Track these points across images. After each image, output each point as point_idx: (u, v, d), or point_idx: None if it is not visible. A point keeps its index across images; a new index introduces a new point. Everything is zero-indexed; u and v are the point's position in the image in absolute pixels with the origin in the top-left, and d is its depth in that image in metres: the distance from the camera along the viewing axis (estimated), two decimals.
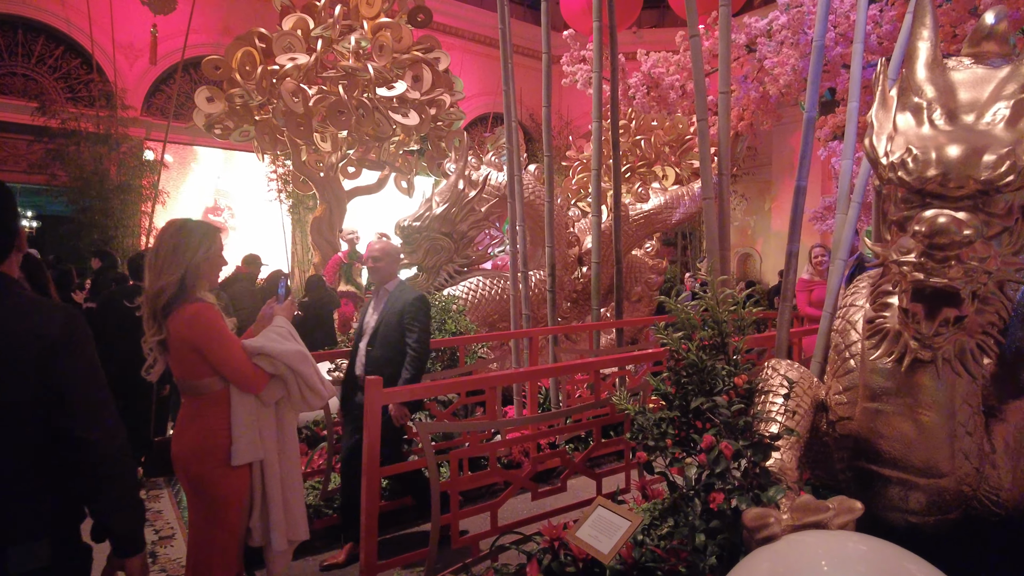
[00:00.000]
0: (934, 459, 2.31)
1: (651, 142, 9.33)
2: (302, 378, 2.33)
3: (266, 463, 2.33)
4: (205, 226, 2.33)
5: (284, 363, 2.29)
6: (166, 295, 2.19)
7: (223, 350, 2.20)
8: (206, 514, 2.28)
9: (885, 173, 2.17)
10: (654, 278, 6.80)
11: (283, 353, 2.29)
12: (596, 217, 5.00)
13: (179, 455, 2.27)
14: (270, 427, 2.35)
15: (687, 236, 18.74)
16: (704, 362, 2.51)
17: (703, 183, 3.18)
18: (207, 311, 2.21)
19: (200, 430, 2.24)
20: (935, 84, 2.27)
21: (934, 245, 1.96)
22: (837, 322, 2.70)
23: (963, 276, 1.95)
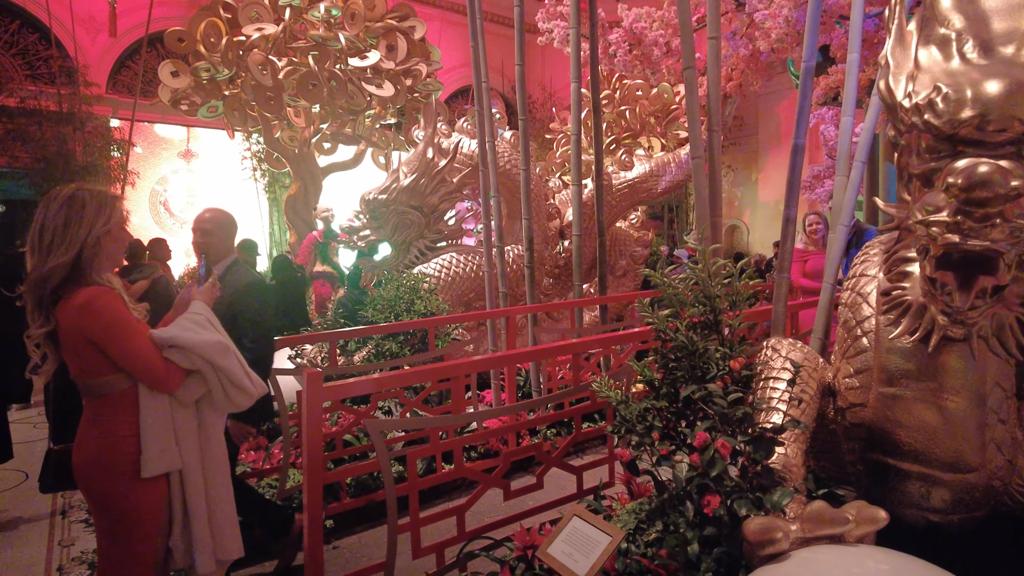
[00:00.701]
0: (962, 451, 2.00)
1: (636, 112, 8.95)
2: (224, 373, 2.02)
3: (186, 473, 2.03)
4: (103, 194, 1.99)
5: (201, 356, 1.97)
6: (55, 279, 1.85)
7: (125, 341, 1.87)
8: (114, 534, 1.96)
9: (908, 118, 1.82)
10: (639, 251, 6.46)
11: (199, 344, 1.97)
12: (577, 187, 4.63)
13: (80, 466, 1.94)
14: (190, 431, 2.04)
15: (673, 208, 18.47)
16: (695, 344, 2.17)
17: (691, 140, 2.84)
18: (103, 295, 1.89)
19: (102, 437, 1.92)
20: (964, 13, 1.91)
21: (972, 200, 1.63)
22: (846, 295, 2.37)
23: (1007, 237, 1.62)
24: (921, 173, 1.84)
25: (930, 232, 1.70)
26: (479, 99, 4.39)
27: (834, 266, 3.30)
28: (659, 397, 2.22)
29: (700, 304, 2.35)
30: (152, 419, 1.94)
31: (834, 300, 3.46)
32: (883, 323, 2.12)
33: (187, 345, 1.95)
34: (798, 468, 2.07)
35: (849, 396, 2.21)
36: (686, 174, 6.33)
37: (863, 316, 2.20)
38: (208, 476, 2.06)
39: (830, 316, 3.50)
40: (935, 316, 1.81)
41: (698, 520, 1.98)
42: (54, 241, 1.86)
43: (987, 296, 1.75)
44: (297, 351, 4.23)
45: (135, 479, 1.92)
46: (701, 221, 2.86)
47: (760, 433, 1.92)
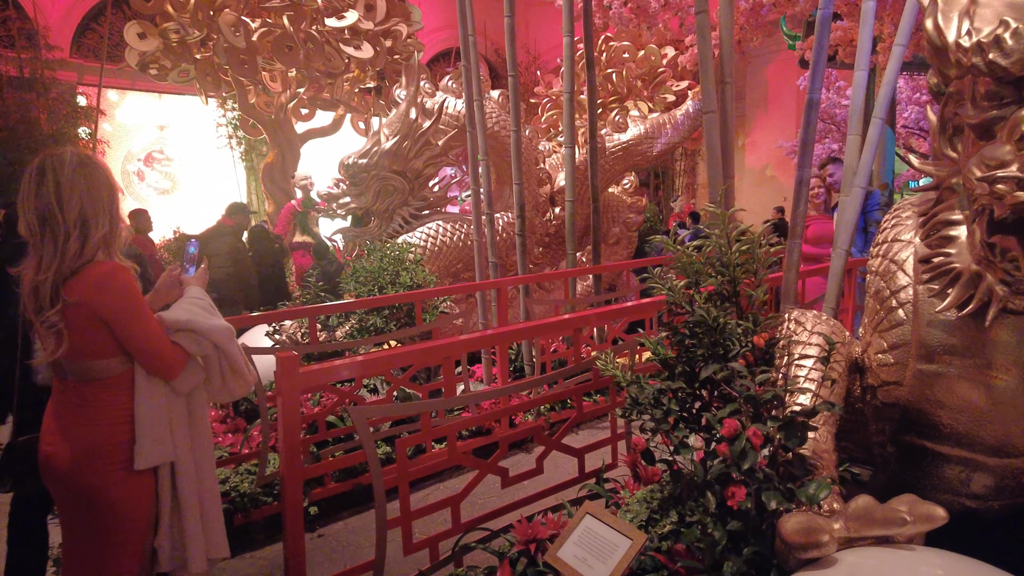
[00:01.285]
0: (1010, 434, 1.81)
1: (623, 76, 8.65)
2: (229, 359, 1.92)
3: (178, 465, 1.87)
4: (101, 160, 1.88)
5: (212, 341, 1.87)
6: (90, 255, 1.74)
7: (139, 322, 1.75)
8: (98, 533, 1.75)
9: (966, 59, 1.59)
10: (633, 218, 6.21)
11: (212, 329, 1.87)
12: (569, 150, 4.37)
13: (56, 458, 1.73)
14: (181, 420, 1.90)
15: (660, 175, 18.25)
16: (716, 318, 1.96)
17: (703, 92, 2.59)
18: (122, 272, 1.76)
19: (90, 424, 1.75)
20: None
21: None
22: (876, 262, 2.15)
23: None
24: (979, 123, 1.61)
25: (996, 190, 1.48)
26: (465, 53, 4.08)
27: (849, 231, 3.09)
28: (674, 377, 2.01)
29: (719, 274, 2.14)
30: (148, 407, 1.78)
31: (845, 267, 3.27)
32: (923, 293, 1.91)
33: (202, 329, 1.84)
34: (829, 454, 1.88)
35: (882, 373, 2.01)
36: (681, 136, 6.08)
37: (899, 286, 1.99)
38: (199, 468, 1.91)
39: (842, 284, 3.32)
40: (993, 286, 1.61)
41: (721, 512, 1.80)
42: (86, 212, 1.72)
43: None
44: (275, 327, 3.97)
45: (126, 470, 1.75)
46: (714, 182, 2.62)
47: (791, 418, 1.72)
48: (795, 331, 2.15)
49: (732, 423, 1.61)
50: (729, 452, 1.60)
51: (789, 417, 1.72)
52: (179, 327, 1.84)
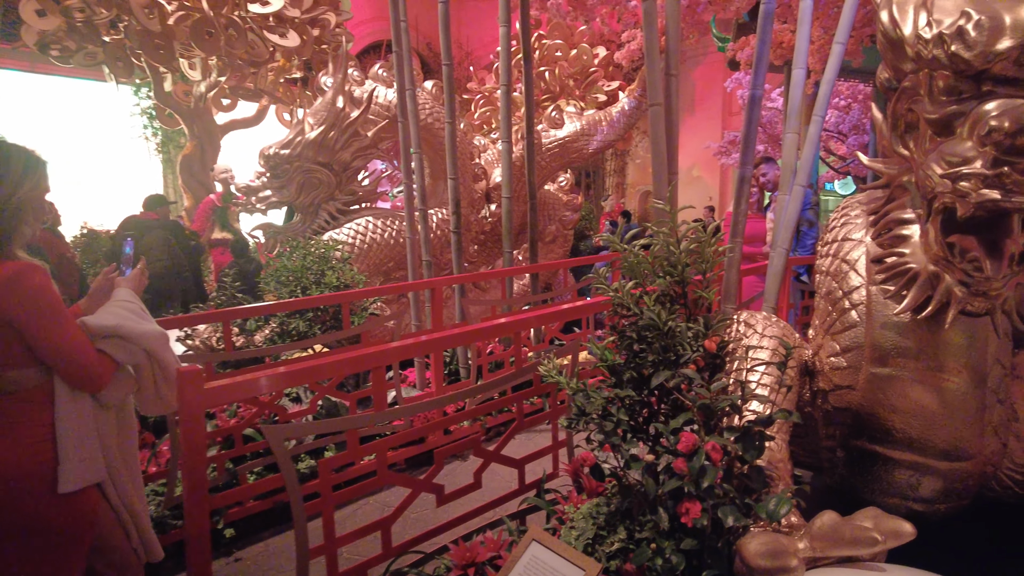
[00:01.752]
0: (961, 438, 1.78)
1: (555, 74, 8.62)
2: (162, 368, 1.76)
3: (115, 483, 1.73)
4: (27, 152, 1.67)
5: (144, 348, 1.72)
6: None
7: (58, 329, 1.57)
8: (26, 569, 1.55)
9: (927, 51, 1.52)
10: (569, 216, 6.12)
11: (144, 335, 1.71)
12: (506, 144, 4.20)
13: None
14: (111, 435, 1.73)
15: (591, 175, 18.42)
16: (665, 321, 1.84)
17: (649, 84, 2.48)
18: (34, 272, 1.57)
19: (13, 443, 1.55)
20: None
21: (1017, 148, 1.34)
22: (827, 262, 2.10)
23: None
24: (938, 119, 1.55)
25: (959, 187, 1.42)
26: (397, 39, 3.84)
27: (790, 230, 3.06)
28: (623, 384, 1.87)
29: (667, 274, 2.02)
30: (72, 423, 1.61)
31: (786, 266, 3.25)
32: (876, 295, 1.85)
33: (132, 335, 1.67)
34: (784, 463, 1.80)
35: (834, 377, 1.95)
36: (617, 134, 6.02)
37: (851, 286, 1.93)
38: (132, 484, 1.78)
39: (780, 283, 3.30)
40: (952, 287, 1.55)
41: (673, 529, 1.68)
42: None
43: (1014, 263, 1.50)
44: (188, 332, 3.63)
45: (52, 495, 1.57)
46: (660, 178, 2.52)
47: (748, 428, 1.62)
48: (745, 333, 2.07)
49: (690, 437, 1.49)
50: (687, 469, 1.47)
51: (746, 427, 1.62)
52: (106, 333, 1.67)
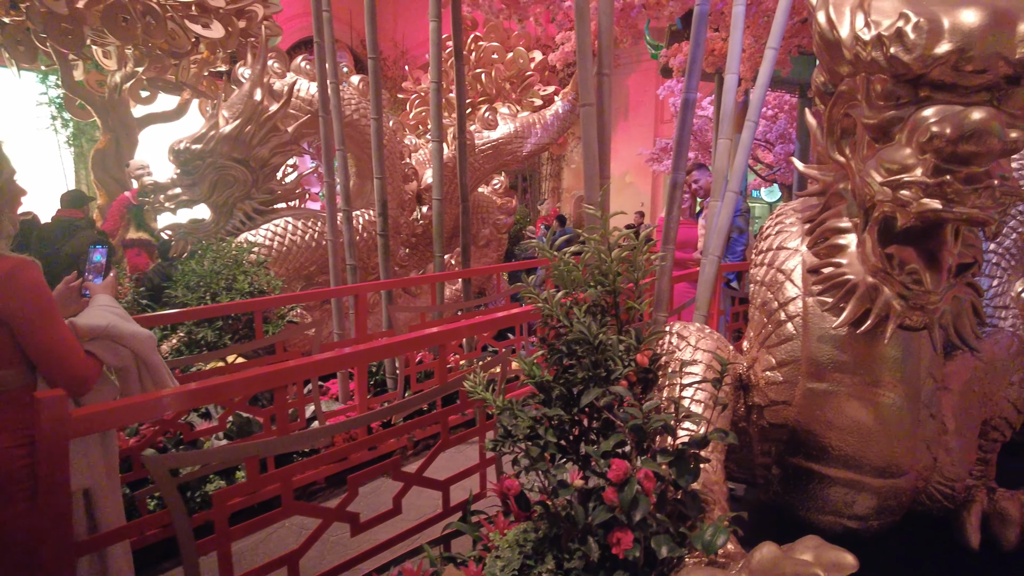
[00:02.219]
0: (896, 454, 1.72)
1: (492, 76, 8.51)
2: (151, 371, 1.75)
3: (96, 493, 1.65)
4: None
5: (132, 350, 1.70)
6: None
7: (50, 327, 1.53)
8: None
9: (865, 52, 1.44)
10: (503, 219, 5.99)
11: (133, 336, 1.69)
12: (437, 144, 4.02)
13: None
14: (94, 446, 1.65)
15: (527, 179, 18.47)
16: (596, 335, 1.71)
17: (581, 83, 2.36)
18: (29, 268, 1.53)
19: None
20: None
21: (957, 156, 1.28)
22: (761, 271, 2.02)
23: (994, 204, 1.29)
24: (876, 124, 1.48)
25: (900, 196, 1.35)
26: (319, 28, 3.60)
27: (722, 237, 3.01)
28: (551, 402, 1.74)
29: (597, 283, 1.90)
30: None
31: (717, 273, 3.21)
32: (813, 306, 1.79)
33: (122, 336, 1.65)
34: (720, 485, 1.70)
35: (770, 392, 1.87)
36: (551, 136, 5.94)
37: (787, 297, 1.86)
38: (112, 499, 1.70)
39: (713, 291, 3.26)
40: (891, 300, 1.48)
41: (604, 559, 1.55)
42: None
43: (951, 275, 1.44)
44: None
45: (31, 501, 1.52)
46: (591, 181, 2.40)
47: (683, 451, 1.51)
48: (678, 346, 1.97)
49: (621, 465, 1.36)
50: (617, 500, 1.34)
51: (680, 450, 1.51)
52: (95, 334, 1.62)
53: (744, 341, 2.13)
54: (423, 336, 2.36)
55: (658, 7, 4.88)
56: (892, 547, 2.07)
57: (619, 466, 1.35)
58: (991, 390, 2.20)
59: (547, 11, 4.91)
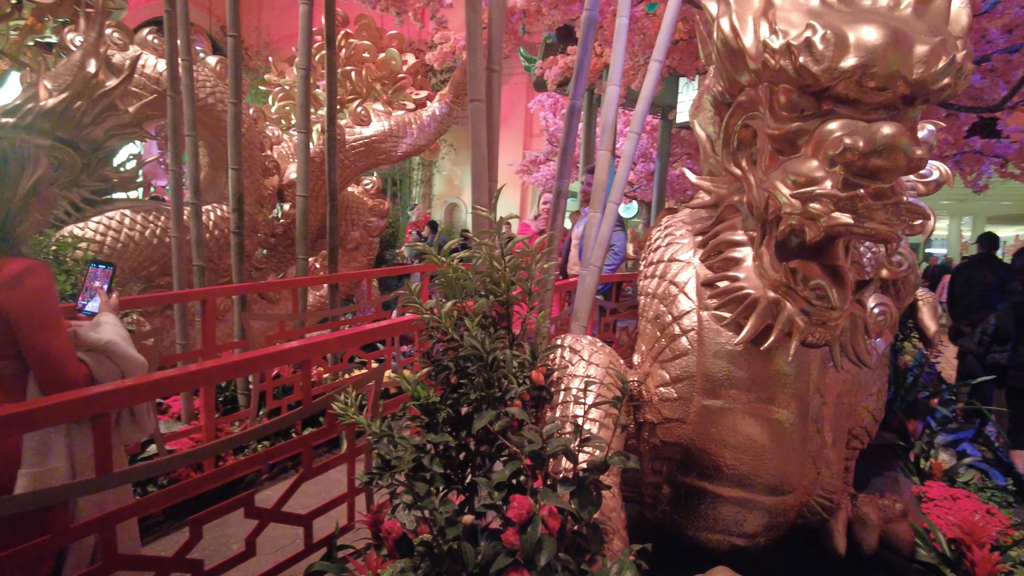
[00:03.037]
0: (787, 471, 1.71)
1: (363, 75, 8.19)
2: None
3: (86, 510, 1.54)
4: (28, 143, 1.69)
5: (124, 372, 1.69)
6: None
7: (49, 332, 1.56)
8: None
9: (774, 61, 1.40)
10: (375, 222, 5.67)
11: (130, 359, 1.71)
12: (303, 136, 3.68)
13: None
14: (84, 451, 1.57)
15: (397, 182, 18.12)
16: (490, 350, 1.54)
17: (471, 77, 2.20)
18: (41, 272, 1.57)
19: None
20: None
21: (867, 171, 1.25)
22: (652, 283, 1.96)
23: (898, 221, 1.29)
24: (781, 135, 1.45)
25: (810, 209, 1.30)
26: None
27: (603, 247, 2.97)
28: (438, 426, 1.54)
29: (489, 293, 1.73)
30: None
31: (598, 284, 3.18)
32: (708, 320, 1.74)
33: (119, 356, 1.69)
34: (618, 512, 1.59)
35: (663, 409, 1.80)
36: (427, 138, 5.73)
37: (682, 311, 1.80)
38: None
39: (592, 302, 3.22)
40: (794, 316, 1.44)
41: None
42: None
43: (852, 292, 1.43)
44: None
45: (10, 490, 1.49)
46: (480, 181, 2.24)
47: (583, 479, 1.37)
48: (571, 360, 1.85)
49: (524, 503, 1.19)
50: (519, 542, 1.18)
51: (580, 478, 1.38)
52: (95, 347, 1.67)
53: (635, 355, 2.06)
54: (284, 350, 2.06)
55: (538, 15, 4.85)
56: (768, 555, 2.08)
57: (522, 504, 1.18)
58: (855, 401, 2.30)
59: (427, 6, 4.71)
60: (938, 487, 2.78)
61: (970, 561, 2.02)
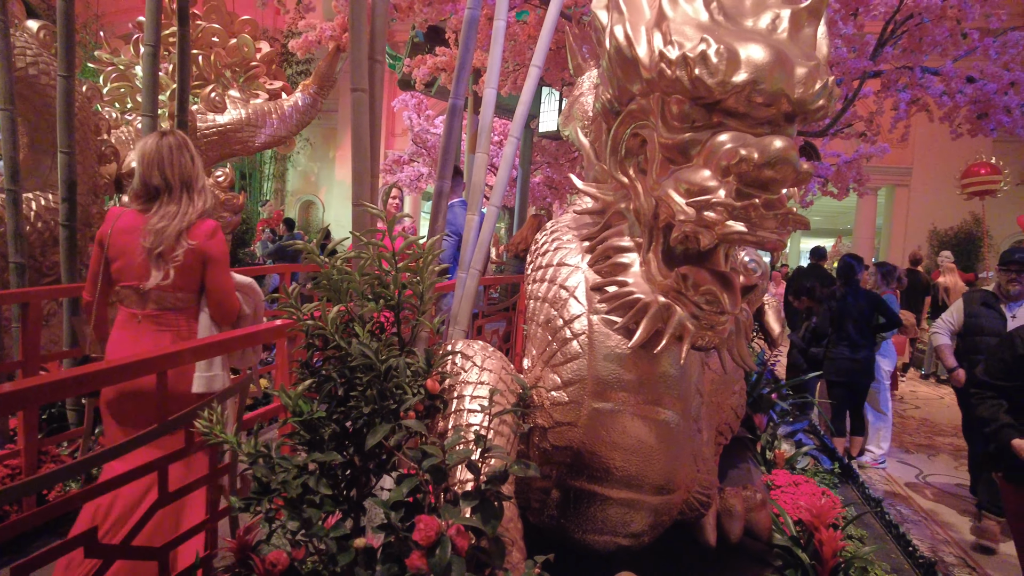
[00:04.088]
0: (673, 471, 1.76)
1: (211, 61, 7.57)
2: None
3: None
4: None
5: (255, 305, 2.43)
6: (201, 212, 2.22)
7: (227, 274, 2.26)
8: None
9: (671, 71, 1.44)
10: (228, 217, 5.21)
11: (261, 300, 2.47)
12: (150, 119, 3.30)
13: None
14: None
15: (247, 176, 17.06)
16: (384, 359, 1.44)
17: (353, 66, 2.05)
18: (222, 230, 2.28)
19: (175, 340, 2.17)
20: None
21: (759, 181, 1.32)
22: (542, 287, 1.95)
23: (785, 230, 1.36)
24: (673, 145, 1.49)
25: (704, 217, 1.35)
26: None
27: (483, 250, 2.95)
28: (324, 444, 1.41)
29: (379, 297, 1.63)
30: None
31: (477, 287, 3.14)
32: (599, 324, 1.75)
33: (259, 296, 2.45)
34: (515, 522, 1.56)
35: (555, 413, 1.79)
36: (288, 130, 5.39)
37: (572, 315, 1.81)
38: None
39: (472, 306, 3.18)
40: (685, 321, 1.49)
41: None
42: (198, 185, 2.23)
43: (740, 298, 1.50)
44: None
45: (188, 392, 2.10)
46: (362, 176, 2.10)
47: (485, 492, 1.32)
48: (463, 367, 1.79)
49: (431, 523, 1.11)
50: (427, 566, 1.10)
51: (482, 491, 1.32)
52: (240, 287, 2.37)
53: (525, 360, 2.04)
54: (135, 361, 1.80)
55: (410, 11, 4.73)
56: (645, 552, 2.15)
57: (428, 524, 1.10)
58: (721, 400, 2.45)
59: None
60: (783, 475, 3.05)
61: (818, 540, 2.21)
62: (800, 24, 1.51)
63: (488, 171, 12.79)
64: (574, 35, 3.06)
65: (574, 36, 3.10)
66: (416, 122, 12.90)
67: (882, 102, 5.69)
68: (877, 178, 12.69)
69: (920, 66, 5.09)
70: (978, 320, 4.45)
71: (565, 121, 3.39)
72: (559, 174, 10.26)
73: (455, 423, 1.65)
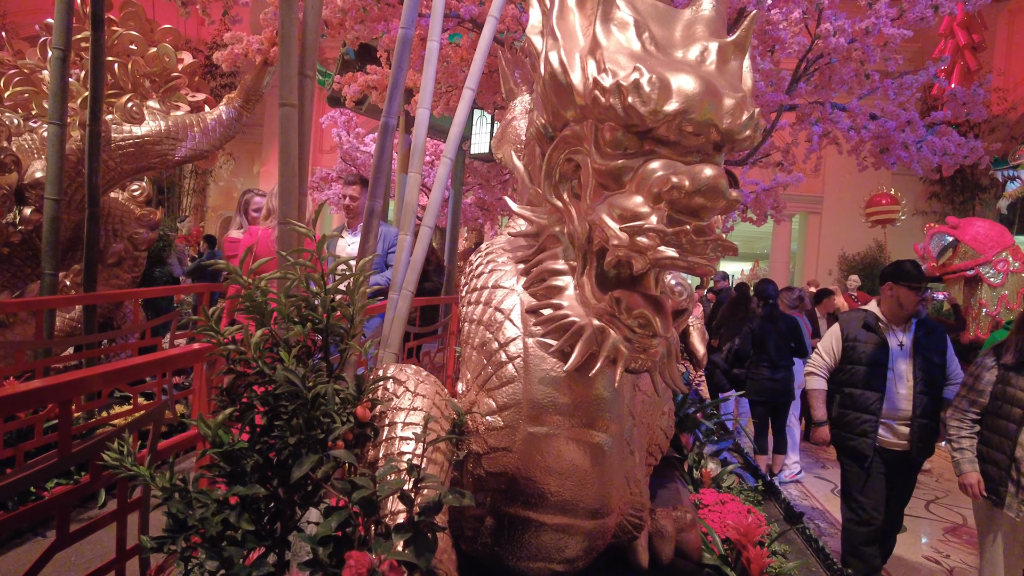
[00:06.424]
0: (607, 494, 1.76)
1: (128, 69, 7.23)
2: None
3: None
4: None
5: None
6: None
7: None
8: None
9: (604, 99, 1.46)
10: (143, 234, 4.93)
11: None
12: (58, 127, 3.10)
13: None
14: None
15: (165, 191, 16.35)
16: (311, 386, 1.37)
17: (282, 80, 1.98)
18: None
19: None
20: (634, 2, 1.68)
21: (689, 208, 1.34)
22: (477, 310, 1.93)
23: (715, 256, 1.39)
24: (607, 171, 1.50)
25: (637, 242, 1.36)
26: None
27: (416, 272, 2.89)
28: (248, 477, 1.33)
29: (306, 320, 1.56)
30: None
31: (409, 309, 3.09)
32: (534, 347, 1.74)
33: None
34: (449, 554, 1.51)
35: (490, 438, 1.76)
36: (211, 144, 5.17)
37: (508, 338, 1.79)
38: None
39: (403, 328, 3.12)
40: (618, 344, 1.50)
41: None
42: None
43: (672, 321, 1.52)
44: None
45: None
46: (289, 194, 2.03)
47: (418, 524, 1.27)
48: (396, 392, 1.74)
49: (363, 560, 1.06)
50: None
51: (415, 523, 1.27)
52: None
53: (459, 384, 2.00)
54: (38, 388, 1.65)
55: (341, 28, 4.67)
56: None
57: (360, 561, 1.05)
58: (652, 420, 2.49)
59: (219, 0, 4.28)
60: (710, 493, 3.11)
61: (746, 558, 2.26)
62: (727, 57, 1.57)
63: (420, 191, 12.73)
64: (507, 60, 3.08)
65: (507, 61, 3.13)
66: (345, 139, 12.70)
67: (797, 134, 6.02)
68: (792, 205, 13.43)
69: (830, 102, 5.42)
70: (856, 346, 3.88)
71: (498, 144, 3.41)
72: (491, 195, 10.30)
73: (387, 452, 1.59)
